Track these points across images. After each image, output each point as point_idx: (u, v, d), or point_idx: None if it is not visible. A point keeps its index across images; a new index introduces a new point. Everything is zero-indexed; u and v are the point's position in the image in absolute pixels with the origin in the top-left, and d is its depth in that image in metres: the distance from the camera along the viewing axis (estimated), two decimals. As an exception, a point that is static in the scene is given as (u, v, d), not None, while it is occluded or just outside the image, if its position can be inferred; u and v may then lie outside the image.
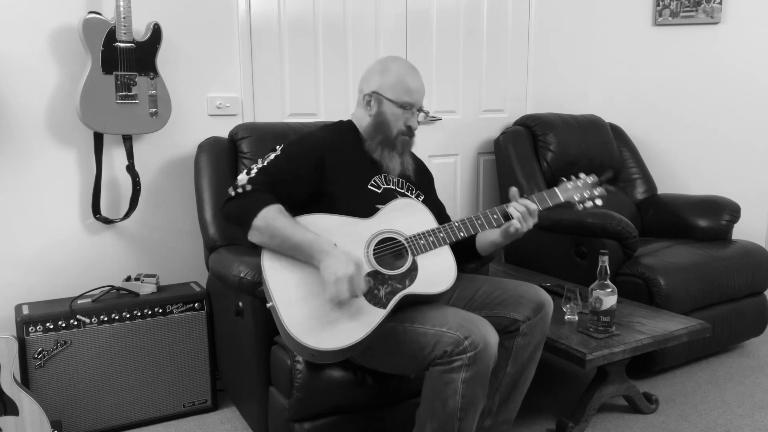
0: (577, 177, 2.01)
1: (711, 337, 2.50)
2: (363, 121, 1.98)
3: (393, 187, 1.95)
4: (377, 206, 1.85)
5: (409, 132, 1.97)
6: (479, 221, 1.85)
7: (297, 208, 1.79)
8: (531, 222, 1.85)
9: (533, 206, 1.85)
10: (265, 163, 1.81)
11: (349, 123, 2.04)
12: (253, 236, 1.72)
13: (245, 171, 1.80)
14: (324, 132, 1.99)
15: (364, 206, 1.83)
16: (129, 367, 2.28)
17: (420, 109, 1.97)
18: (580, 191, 1.98)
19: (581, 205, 1.97)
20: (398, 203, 1.87)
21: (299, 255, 1.70)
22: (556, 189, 1.96)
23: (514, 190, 1.88)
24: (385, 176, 1.95)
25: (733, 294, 2.84)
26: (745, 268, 2.87)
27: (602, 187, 2.01)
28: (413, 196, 1.98)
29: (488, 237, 1.94)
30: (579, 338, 2.16)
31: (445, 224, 1.84)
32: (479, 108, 3.40)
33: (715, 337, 2.78)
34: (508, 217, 1.85)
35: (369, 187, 1.90)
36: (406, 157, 1.99)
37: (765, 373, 2.77)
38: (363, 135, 1.97)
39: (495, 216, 1.86)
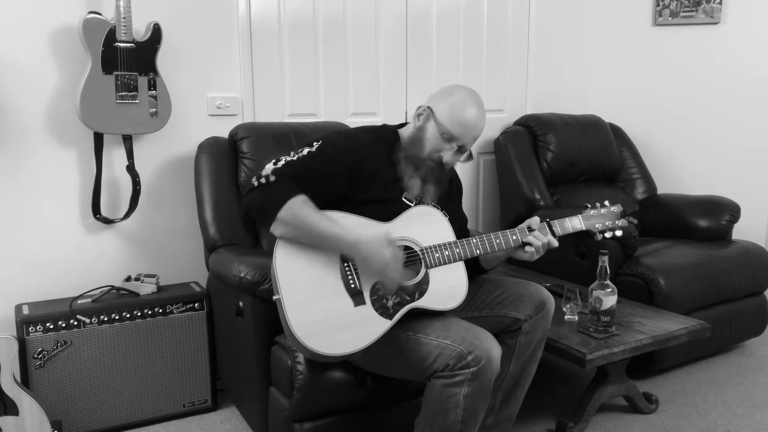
0: (602, 205, 1.96)
1: (711, 337, 2.49)
2: (406, 131, 1.89)
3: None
4: None
5: (440, 164, 1.84)
6: (498, 240, 1.82)
7: (322, 206, 1.74)
8: (543, 252, 1.84)
9: (555, 244, 1.84)
10: (296, 158, 1.73)
11: (395, 132, 1.92)
12: (276, 228, 1.66)
13: (273, 161, 1.73)
14: (367, 136, 1.85)
15: (394, 216, 1.79)
16: (129, 367, 2.28)
17: (461, 148, 1.83)
18: (603, 220, 1.94)
19: (601, 234, 1.94)
20: (418, 210, 1.83)
21: (326, 246, 1.67)
22: (579, 216, 1.92)
23: (536, 220, 1.84)
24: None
25: (733, 294, 2.83)
26: (745, 268, 2.87)
27: (626, 218, 1.96)
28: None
29: (495, 254, 1.89)
30: (579, 338, 2.16)
31: (463, 239, 1.80)
32: (479, 108, 3.40)
33: (715, 337, 2.78)
34: (525, 241, 1.83)
35: (403, 199, 1.84)
36: (428, 186, 1.85)
37: (765, 373, 2.77)
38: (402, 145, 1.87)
39: (514, 237, 1.83)
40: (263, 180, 1.67)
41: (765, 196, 3.48)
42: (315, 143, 1.77)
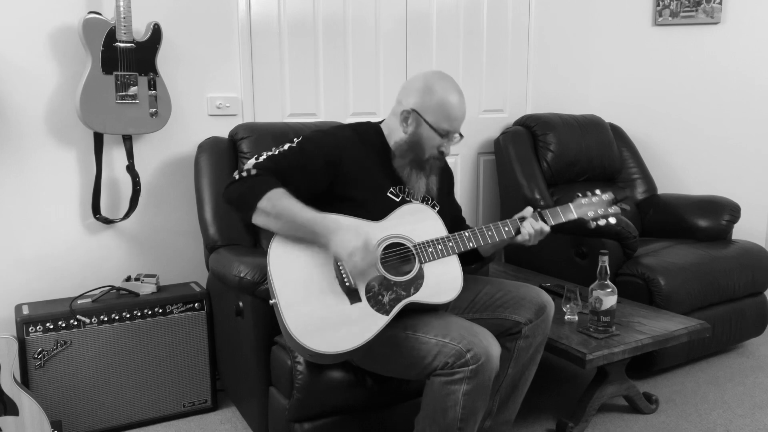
0: (593, 193, 1.98)
1: (711, 337, 2.50)
2: (395, 133, 1.88)
3: (410, 200, 1.89)
4: None
5: (441, 156, 1.90)
6: (489, 232, 1.84)
7: (309, 204, 1.76)
8: (538, 240, 1.86)
9: (546, 229, 1.86)
10: (277, 152, 1.77)
11: (377, 128, 1.94)
12: (257, 219, 1.69)
13: (255, 156, 1.77)
14: (347, 132, 1.89)
15: (383, 213, 1.80)
16: (129, 367, 2.28)
17: (456, 134, 1.88)
18: (595, 208, 1.96)
19: (594, 222, 1.95)
20: (409, 208, 1.84)
21: (306, 234, 1.69)
22: (570, 205, 1.94)
23: (529, 210, 1.87)
24: (401, 187, 1.88)
25: (733, 294, 2.84)
26: (745, 268, 2.87)
27: (617, 205, 1.98)
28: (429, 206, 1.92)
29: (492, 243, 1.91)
30: (579, 338, 2.16)
31: (455, 234, 1.82)
32: (479, 108, 3.40)
33: (715, 337, 2.78)
34: (519, 231, 1.85)
35: (388, 195, 1.85)
36: (432, 177, 1.91)
37: (765, 373, 2.78)
38: (392, 148, 1.89)
39: (506, 229, 1.85)
40: (244, 173, 1.72)
41: (765, 196, 3.48)
42: (296, 139, 1.82)
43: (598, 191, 2.00)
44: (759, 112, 3.45)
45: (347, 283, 1.69)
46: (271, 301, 1.70)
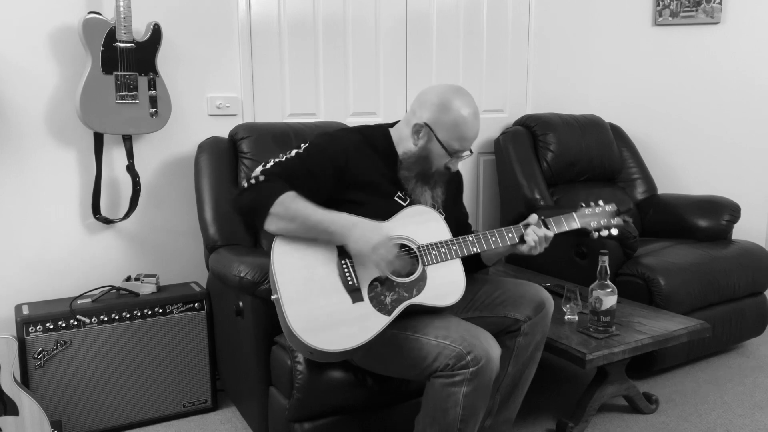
0: (596, 204, 1.99)
1: (711, 337, 2.49)
2: (404, 142, 1.86)
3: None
4: None
5: (448, 171, 1.89)
6: (493, 237, 1.83)
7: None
8: (543, 247, 1.86)
9: (550, 234, 1.85)
10: (284, 159, 1.77)
11: (385, 132, 1.91)
12: (271, 224, 1.69)
13: (262, 164, 1.77)
14: (355, 135, 1.87)
15: (389, 216, 1.79)
16: (129, 367, 2.28)
17: (466, 152, 1.87)
18: (598, 219, 1.97)
19: (596, 233, 1.96)
20: (414, 209, 1.84)
21: (321, 234, 1.68)
22: (574, 214, 1.95)
23: (534, 217, 1.86)
24: (407, 192, 1.87)
25: (733, 294, 2.84)
26: (745, 268, 2.87)
27: (620, 217, 1.99)
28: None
29: (495, 250, 1.90)
30: (579, 338, 2.16)
31: (459, 237, 1.81)
32: (479, 108, 3.39)
33: (715, 337, 2.78)
34: (522, 237, 1.84)
35: (395, 199, 1.85)
36: (437, 189, 1.90)
37: (765, 373, 2.78)
38: (400, 157, 1.87)
39: (510, 235, 1.85)
40: (253, 180, 1.71)
41: (765, 196, 3.48)
42: (303, 145, 1.81)
43: (601, 202, 2.00)
44: (759, 112, 3.45)
45: (350, 282, 1.69)
46: (273, 297, 1.70)
